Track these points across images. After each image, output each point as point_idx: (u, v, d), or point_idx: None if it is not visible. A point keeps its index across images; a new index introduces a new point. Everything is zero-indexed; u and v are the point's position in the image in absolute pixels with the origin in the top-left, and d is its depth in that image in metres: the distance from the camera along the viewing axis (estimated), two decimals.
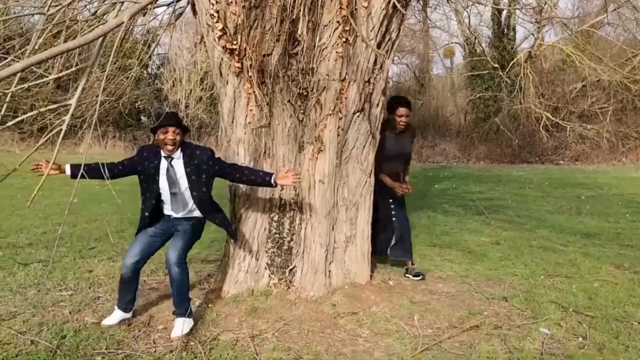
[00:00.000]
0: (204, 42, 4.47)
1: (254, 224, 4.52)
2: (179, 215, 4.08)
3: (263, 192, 4.49)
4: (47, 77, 2.61)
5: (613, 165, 20.20)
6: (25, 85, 2.16)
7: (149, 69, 25.40)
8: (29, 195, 9.64)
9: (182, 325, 3.85)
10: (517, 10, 24.22)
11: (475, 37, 24.10)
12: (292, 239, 4.49)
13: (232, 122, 4.46)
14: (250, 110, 4.34)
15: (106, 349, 3.61)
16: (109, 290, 4.84)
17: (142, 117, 26.67)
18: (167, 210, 4.10)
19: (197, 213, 4.10)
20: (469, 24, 24.82)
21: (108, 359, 3.47)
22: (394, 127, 5.41)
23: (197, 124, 24.49)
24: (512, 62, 22.17)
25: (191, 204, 4.06)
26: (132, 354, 3.58)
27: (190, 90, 24.03)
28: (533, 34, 24.59)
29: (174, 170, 3.97)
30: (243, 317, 4.13)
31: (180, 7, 5.20)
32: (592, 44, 23.33)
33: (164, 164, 3.97)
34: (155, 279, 5.24)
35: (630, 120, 22.95)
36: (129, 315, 4.14)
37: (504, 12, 23.95)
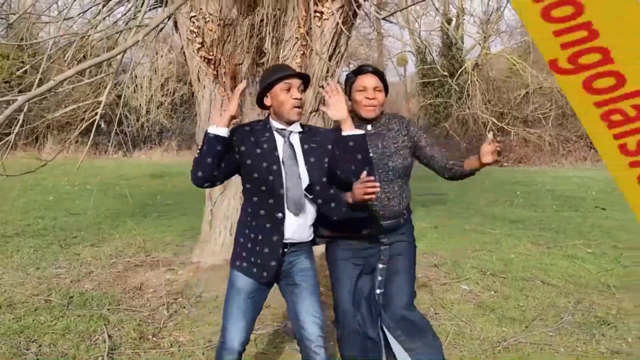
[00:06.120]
0: (184, 52, 5.33)
1: (228, 205, 5.37)
2: (294, 234, 2.55)
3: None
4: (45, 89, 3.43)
5: (553, 167, 21.69)
6: (70, 87, 2.98)
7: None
8: (4, 194, 10.07)
9: None
10: (464, 21, 25.75)
11: (426, 47, 25.39)
12: None
13: (209, 120, 5.31)
14: (224, 111, 5.20)
15: (109, 304, 4.42)
16: (99, 267, 5.60)
17: (101, 123, 26.97)
18: (284, 223, 2.52)
19: (310, 231, 2.63)
20: (420, 33, 26.10)
21: (113, 311, 4.28)
22: (359, 119, 2.89)
23: (158, 129, 25.03)
24: (460, 70, 23.63)
25: (307, 208, 2.57)
26: (131, 308, 4.40)
27: (151, 96, 24.53)
28: (479, 44, 26.17)
29: (293, 150, 2.59)
30: (221, 280, 4.97)
31: (162, 23, 6.02)
32: (536, 53, 25.01)
33: (279, 140, 2.59)
34: (138, 259, 6.01)
35: (571, 124, 24.51)
36: None
37: (453, 23, 25.35)
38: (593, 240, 6.98)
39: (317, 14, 4.91)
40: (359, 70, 2.91)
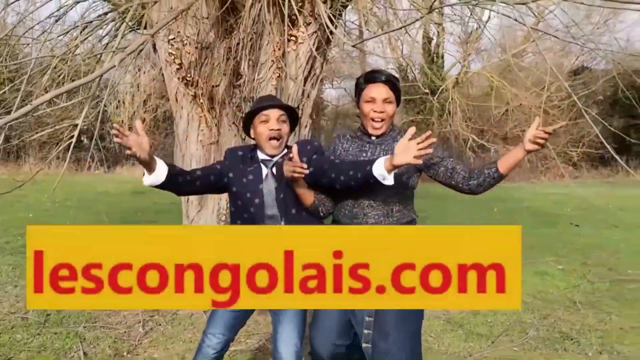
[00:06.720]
0: (162, 73, 5.45)
1: (205, 224, 5.46)
2: None
3: (212, 197, 5.46)
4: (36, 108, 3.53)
5: (532, 183, 22.02)
6: (49, 110, 3.09)
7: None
8: None
9: None
10: (445, 40, 26.18)
11: (408, 65, 25.75)
12: None
13: (186, 139, 5.42)
14: (202, 130, 5.32)
15: (86, 322, 4.47)
16: None
17: (83, 139, 26.90)
18: None
19: None
20: (402, 51, 26.47)
21: (89, 328, 4.34)
22: (363, 131, 2.74)
23: None
24: (441, 88, 23.98)
25: None
26: (107, 325, 4.46)
27: (134, 112, 24.52)
28: (460, 62, 26.62)
29: (275, 180, 2.68)
30: None
31: (141, 46, 6.14)
32: (516, 72, 25.48)
33: (264, 171, 2.69)
34: None
35: (549, 142, 24.92)
36: None
37: (434, 41, 25.77)
38: (564, 256, 7.16)
39: (292, 38, 5.07)
40: (370, 78, 2.64)
